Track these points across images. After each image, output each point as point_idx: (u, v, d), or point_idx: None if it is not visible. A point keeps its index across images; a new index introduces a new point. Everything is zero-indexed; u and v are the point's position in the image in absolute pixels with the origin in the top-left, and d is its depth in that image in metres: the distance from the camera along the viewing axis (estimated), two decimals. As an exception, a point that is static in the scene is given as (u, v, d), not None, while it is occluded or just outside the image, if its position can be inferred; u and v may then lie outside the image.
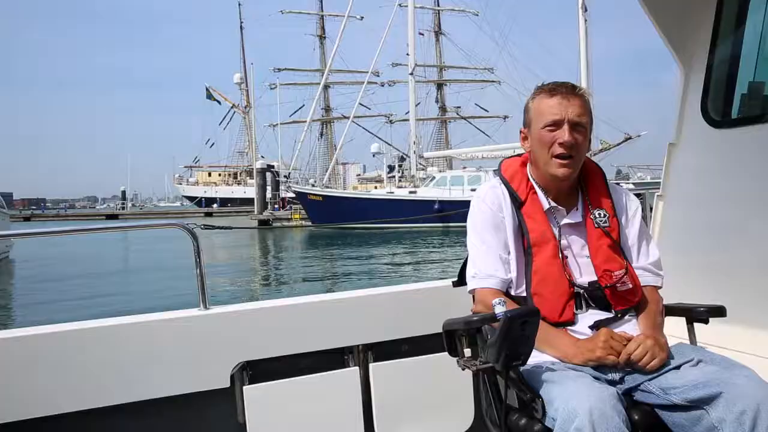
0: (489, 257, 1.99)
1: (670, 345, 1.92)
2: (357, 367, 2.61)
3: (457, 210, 28.25)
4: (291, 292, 14.55)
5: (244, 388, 2.43)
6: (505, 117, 60.90)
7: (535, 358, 1.76)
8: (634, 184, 28.59)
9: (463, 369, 1.84)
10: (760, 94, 3.04)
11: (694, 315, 2.04)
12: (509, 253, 2.00)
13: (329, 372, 2.56)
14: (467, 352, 1.86)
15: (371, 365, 2.63)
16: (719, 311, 2.01)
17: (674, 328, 2.13)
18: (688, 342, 2.07)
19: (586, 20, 31.79)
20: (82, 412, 2.21)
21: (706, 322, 2.01)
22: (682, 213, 2.92)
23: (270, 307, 2.57)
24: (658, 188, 3.15)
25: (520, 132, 2.11)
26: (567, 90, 1.97)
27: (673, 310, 2.08)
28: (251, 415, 2.41)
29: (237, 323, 2.49)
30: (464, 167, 38.55)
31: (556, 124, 1.95)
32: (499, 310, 1.73)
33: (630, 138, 33.88)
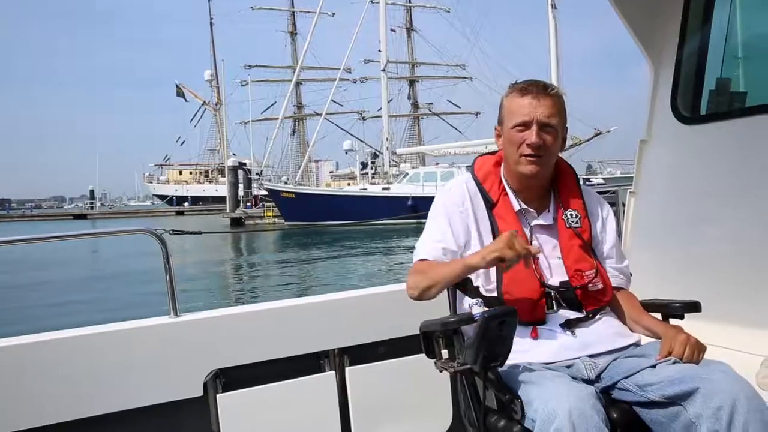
0: (436, 237, 2.01)
1: (645, 342, 1.93)
2: (333, 372, 2.58)
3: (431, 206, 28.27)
4: (265, 295, 14.34)
5: (218, 396, 2.38)
6: (477, 113, 61.36)
7: (513, 359, 1.75)
8: (603, 179, 29.01)
9: (441, 371, 1.82)
10: (727, 91, 3.08)
11: (670, 311, 2.05)
12: (458, 246, 2.00)
13: (305, 377, 2.52)
14: (445, 353, 1.85)
15: (347, 369, 2.60)
16: (694, 307, 2.02)
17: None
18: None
19: (555, 16, 32.08)
20: (46, 427, 2.14)
21: (681, 317, 2.02)
22: (654, 209, 2.94)
23: (243, 313, 2.53)
24: (629, 184, 3.17)
25: (495, 129, 2.11)
26: (538, 89, 1.96)
27: (648, 307, 2.08)
28: (225, 424, 2.36)
29: (209, 330, 2.44)
30: (437, 163, 38.66)
31: (525, 125, 1.95)
32: (477, 310, 1.73)
33: (600, 134, 34.29)
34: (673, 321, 2.06)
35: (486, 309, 1.77)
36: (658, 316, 2.05)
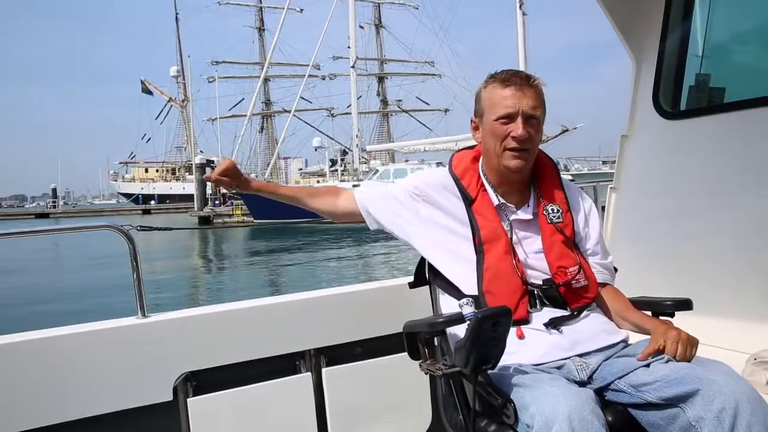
0: (377, 194, 2.09)
1: (635, 341, 1.88)
2: (309, 373, 2.49)
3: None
4: (236, 295, 14.11)
5: (188, 400, 2.27)
6: (446, 110, 61.73)
7: (502, 360, 1.67)
8: (572, 175, 29.39)
9: (427, 373, 1.74)
10: (706, 86, 3.08)
11: (660, 309, 2.00)
12: (380, 218, 2.07)
13: (279, 379, 2.42)
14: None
15: (324, 370, 2.51)
16: (686, 304, 1.98)
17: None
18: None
19: (524, 13, 32.34)
20: None
21: (672, 315, 1.98)
22: (635, 205, 2.92)
23: (214, 313, 2.41)
24: (599, 180, 3.17)
25: (471, 122, 2.03)
26: (521, 80, 1.89)
27: (637, 304, 2.03)
28: (197, 429, 2.25)
29: (179, 331, 2.32)
30: (406, 160, 38.73)
31: (510, 117, 1.88)
32: (467, 310, 1.64)
33: (567, 130, 34.69)
34: (662, 318, 2.02)
35: (476, 309, 1.69)
36: (648, 314, 2.01)
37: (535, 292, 1.87)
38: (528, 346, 1.80)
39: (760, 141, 2.60)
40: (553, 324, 1.83)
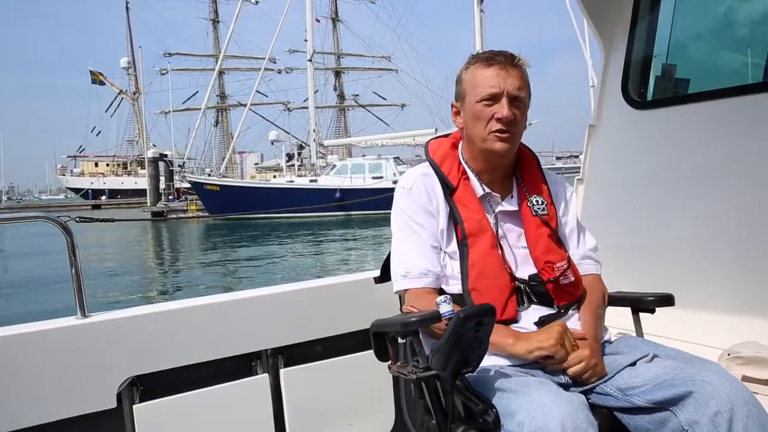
0: (420, 251, 1.78)
1: (615, 338, 1.79)
2: (266, 374, 2.35)
3: (359, 198, 28.32)
4: (188, 292, 13.69)
5: (134, 406, 2.09)
6: (403, 105, 61.66)
7: (483, 361, 1.54)
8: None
9: (397, 376, 1.62)
10: (672, 77, 3.06)
11: (642, 305, 1.93)
12: (440, 247, 1.80)
13: (234, 381, 2.27)
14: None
15: (282, 370, 2.37)
16: (668, 300, 1.91)
17: (617, 319, 2.02)
18: (633, 333, 1.96)
19: (482, 11, 32.52)
20: None
21: (652, 311, 1.90)
22: (603, 195, 2.88)
23: (162, 312, 2.23)
24: (566, 173, 3.11)
25: (452, 106, 1.91)
26: (506, 59, 1.77)
27: (617, 300, 1.96)
28: None
29: (123, 332, 2.14)
30: (364, 155, 38.55)
31: (494, 98, 1.76)
32: (446, 309, 1.51)
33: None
34: (643, 315, 1.94)
35: (455, 307, 1.55)
36: (628, 310, 1.93)
37: (522, 287, 1.76)
38: None
39: (723, 132, 2.60)
40: (541, 323, 1.73)
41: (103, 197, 67.10)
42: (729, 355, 2.20)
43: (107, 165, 76.55)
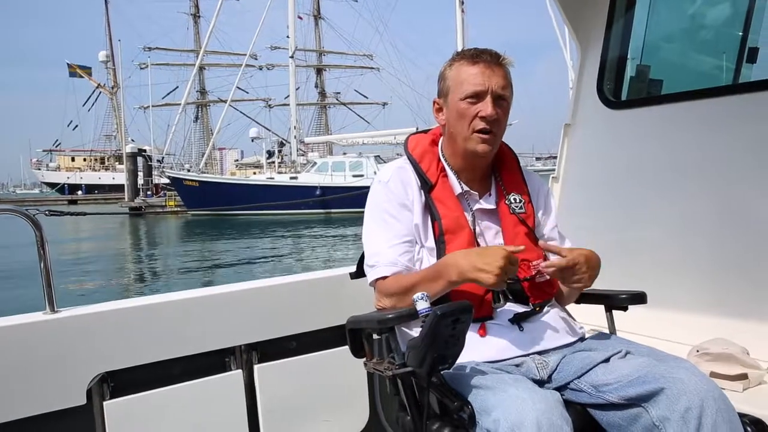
0: (390, 241, 1.77)
1: (589, 335, 1.82)
2: (240, 370, 2.33)
3: (339, 195, 28.27)
4: (165, 288, 13.52)
5: (105, 403, 2.06)
6: (385, 104, 61.63)
7: (459, 358, 1.55)
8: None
9: (373, 372, 1.61)
10: (646, 78, 3.10)
11: (614, 302, 1.95)
12: (417, 243, 1.80)
13: (207, 378, 2.25)
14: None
15: (256, 367, 2.36)
16: (640, 298, 1.93)
17: (591, 316, 2.04)
18: (607, 330, 1.99)
19: (463, 11, 32.64)
20: None
21: (625, 309, 1.93)
22: (578, 194, 2.91)
23: (134, 307, 2.20)
24: (546, 174, 3.14)
25: (434, 103, 1.90)
26: (491, 58, 1.78)
27: (590, 298, 1.97)
28: None
29: (93, 327, 2.10)
30: (344, 153, 38.47)
31: (478, 96, 1.76)
32: (422, 306, 1.51)
33: (503, 126, 35.16)
34: (616, 312, 1.97)
35: (432, 305, 1.55)
36: (601, 307, 1.95)
37: None
38: (487, 343, 1.70)
39: (694, 132, 2.64)
40: (516, 320, 1.74)
41: (80, 192, 66.20)
42: (698, 351, 2.24)
43: (84, 160, 75.56)
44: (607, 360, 1.63)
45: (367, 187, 1.97)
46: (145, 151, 43.24)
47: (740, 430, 1.48)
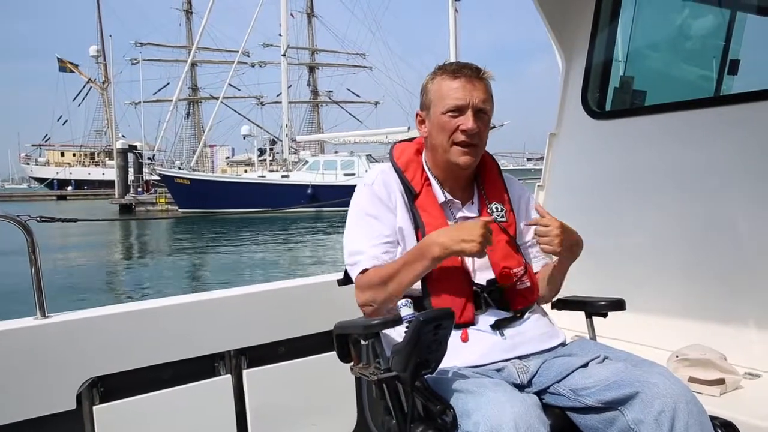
0: (374, 242, 1.82)
1: (570, 340, 1.87)
2: (229, 375, 2.36)
3: (331, 195, 28.23)
4: (154, 293, 13.37)
5: (94, 408, 2.09)
6: (377, 103, 61.59)
7: (442, 363, 1.60)
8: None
9: (359, 377, 1.66)
10: (630, 89, 3.16)
11: (594, 309, 2.01)
12: (399, 244, 1.84)
13: (196, 383, 2.28)
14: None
15: (245, 371, 2.39)
16: (619, 305, 1.99)
17: (571, 322, 2.09)
18: (587, 336, 2.04)
19: (456, 10, 32.67)
20: None
21: (605, 316, 1.98)
22: (563, 203, 2.95)
23: (124, 312, 2.23)
24: (532, 178, 3.19)
25: (417, 115, 1.95)
26: (472, 72, 1.83)
27: (571, 304, 2.03)
28: None
29: (83, 332, 2.13)
30: (336, 152, 38.45)
31: (459, 110, 1.81)
32: (406, 312, 1.57)
33: (494, 127, 35.13)
34: (596, 318, 2.02)
35: (415, 311, 1.61)
36: (581, 314, 2.00)
37: (481, 293, 1.82)
38: (469, 348, 1.75)
39: (676, 143, 2.70)
40: (497, 326, 1.79)
41: (69, 188, 65.73)
42: (677, 357, 2.29)
43: (74, 155, 74.99)
44: (585, 365, 1.68)
45: None
46: (135, 147, 43.01)
47: None
